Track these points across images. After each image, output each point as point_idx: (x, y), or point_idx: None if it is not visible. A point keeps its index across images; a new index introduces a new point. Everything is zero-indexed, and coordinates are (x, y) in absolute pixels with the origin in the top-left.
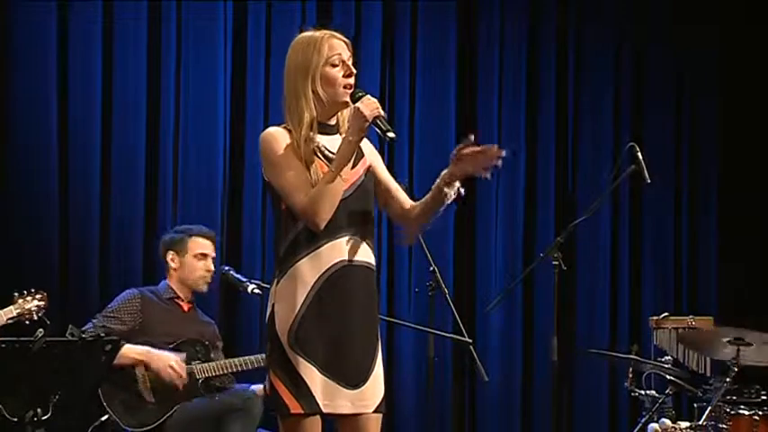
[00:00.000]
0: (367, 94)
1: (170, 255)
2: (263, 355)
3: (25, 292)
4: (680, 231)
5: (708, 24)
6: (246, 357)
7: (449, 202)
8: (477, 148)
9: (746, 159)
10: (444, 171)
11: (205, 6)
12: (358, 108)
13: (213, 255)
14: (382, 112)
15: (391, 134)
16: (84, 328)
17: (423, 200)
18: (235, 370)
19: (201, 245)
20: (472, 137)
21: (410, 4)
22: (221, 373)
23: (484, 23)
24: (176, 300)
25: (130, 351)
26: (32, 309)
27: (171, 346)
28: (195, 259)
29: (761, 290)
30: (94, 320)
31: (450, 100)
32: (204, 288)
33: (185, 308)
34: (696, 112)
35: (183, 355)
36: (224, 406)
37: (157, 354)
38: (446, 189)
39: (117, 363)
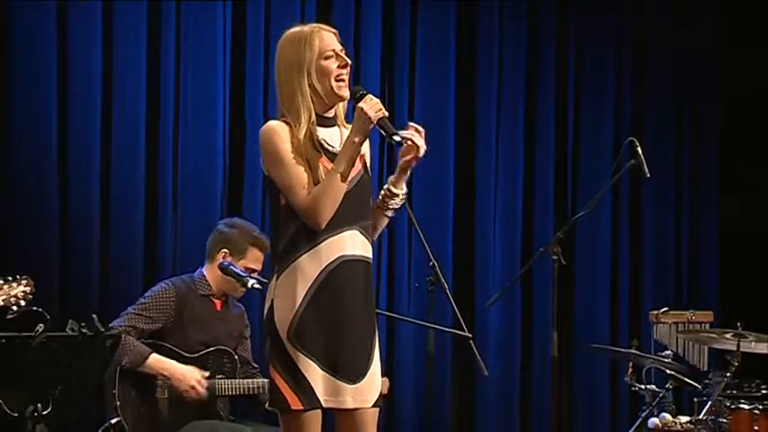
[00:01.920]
0: (369, 92)
1: (223, 252)
2: None
3: (9, 278)
4: (680, 225)
5: (708, 24)
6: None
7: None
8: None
9: (746, 156)
10: (390, 179)
11: (205, 6)
12: (362, 108)
13: (260, 269)
14: (386, 113)
15: (397, 137)
16: (113, 324)
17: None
18: (256, 392)
19: (257, 258)
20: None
21: (410, 4)
22: (241, 393)
23: (484, 23)
24: (211, 297)
25: (157, 363)
26: (18, 295)
27: (201, 353)
28: (245, 271)
29: (761, 284)
30: (125, 315)
31: (450, 99)
32: (238, 296)
33: (218, 306)
34: (696, 112)
35: (206, 373)
36: None
37: (181, 372)
38: (387, 212)
39: (141, 371)
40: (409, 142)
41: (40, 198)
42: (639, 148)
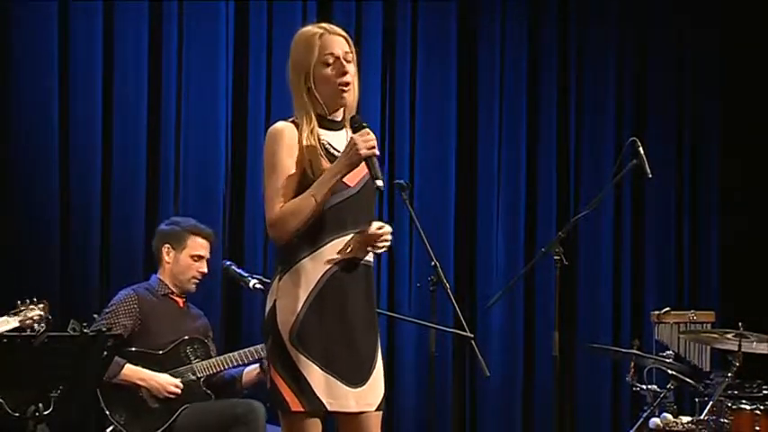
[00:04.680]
0: (367, 126)
1: (165, 248)
2: (261, 346)
3: (27, 300)
4: (681, 226)
5: (708, 24)
6: (245, 350)
7: None
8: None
9: (747, 156)
10: None
11: (206, 6)
12: (354, 142)
13: (208, 256)
14: (377, 153)
15: (379, 182)
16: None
17: None
18: (235, 364)
19: (199, 245)
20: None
21: (411, 4)
22: (221, 369)
23: (485, 23)
24: (171, 296)
25: (131, 373)
26: (34, 318)
27: (171, 346)
28: (190, 259)
29: (762, 284)
30: (95, 324)
31: (451, 100)
32: (193, 289)
33: (180, 303)
34: (697, 112)
35: (179, 380)
36: (228, 416)
37: (156, 381)
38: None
39: (118, 380)
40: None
41: (41, 198)
42: (641, 148)
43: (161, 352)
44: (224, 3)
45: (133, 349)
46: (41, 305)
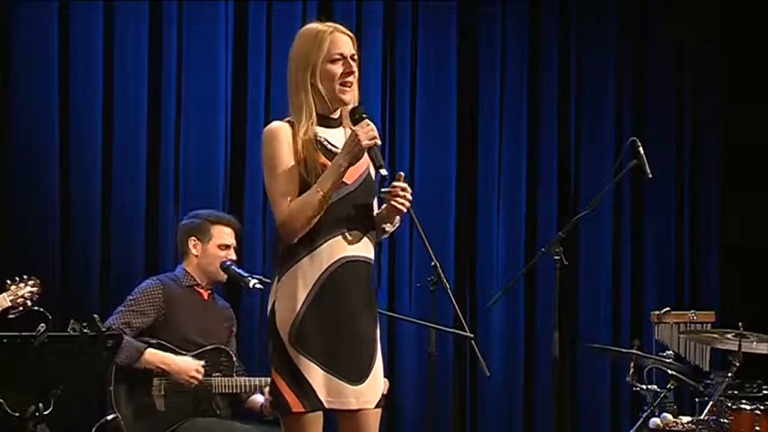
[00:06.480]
0: (367, 116)
1: (192, 242)
2: None
3: (17, 278)
4: (681, 226)
5: (708, 24)
6: (267, 378)
7: (390, 231)
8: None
9: (747, 155)
10: (382, 208)
11: (206, 6)
12: (355, 133)
13: (235, 244)
14: (379, 142)
15: (383, 171)
16: (106, 323)
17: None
18: (253, 391)
19: (224, 234)
20: (402, 174)
21: (411, 4)
22: (238, 392)
23: (485, 23)
24: (196, 287)
25: (154, 357)
26: (25, 295)
27: (197, 351)
28: (218, 249)
29: (762, 284)
30: (116, 314)
31: (452, 99)
32: (225, 278)
33: (205, 296)
34: (697, 111)
35: (202, 362)
36: None
37: (178, 364)
38: (385, 226)
39: (138, 366)
40: (394, 203)
41: (41, 197)
42: (641, 148)
43: (187, 353)
44: (224, 3)
45: (159, 342)
46: (31, 281)
